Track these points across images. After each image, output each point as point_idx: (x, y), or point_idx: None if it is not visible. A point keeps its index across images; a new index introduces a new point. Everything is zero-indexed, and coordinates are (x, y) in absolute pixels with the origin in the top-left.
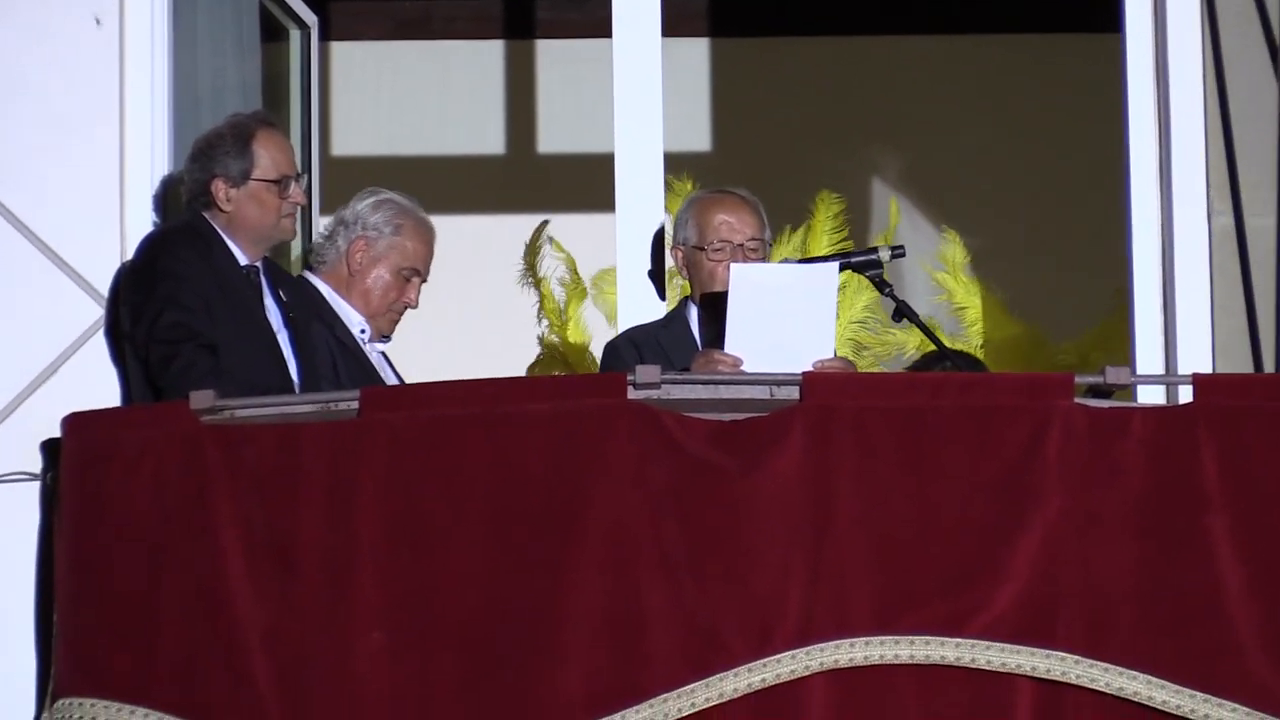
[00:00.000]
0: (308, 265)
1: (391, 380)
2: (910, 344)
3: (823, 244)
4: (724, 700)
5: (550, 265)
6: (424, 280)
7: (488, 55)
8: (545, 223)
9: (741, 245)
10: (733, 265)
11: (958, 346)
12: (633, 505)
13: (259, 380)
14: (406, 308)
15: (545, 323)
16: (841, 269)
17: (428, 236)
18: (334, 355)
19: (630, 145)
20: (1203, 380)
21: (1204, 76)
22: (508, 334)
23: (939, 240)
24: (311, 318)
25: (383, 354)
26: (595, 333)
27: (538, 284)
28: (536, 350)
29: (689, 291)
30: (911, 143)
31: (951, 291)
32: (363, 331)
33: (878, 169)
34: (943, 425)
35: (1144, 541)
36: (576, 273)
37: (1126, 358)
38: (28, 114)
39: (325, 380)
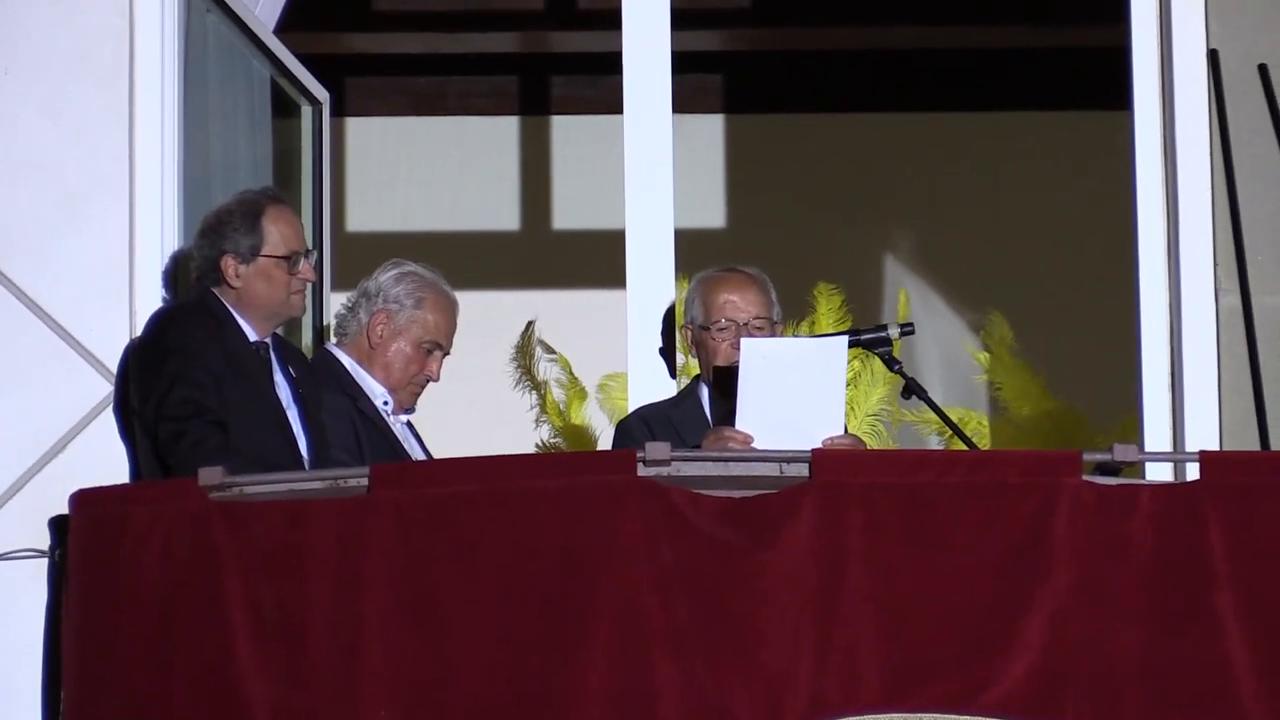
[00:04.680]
0: (331, 337)
1: (416, 450)
2: (931, 423)
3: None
4: None
5: (546, 366)
6: (446, 354)
7: (503, 131)
8: (531, 323)
9: (747, 324)
10: (743, 339)
11: (996, 426)
12: (643, 582)
13: (268, 457)
14: (428, 381)
15: (546, 426)
16: (851, 345)
17: (450, 310)
18: (357, 427)
19: (641, 222)
20: (1210, 458)
21: (1211, 155)
22: (526, 406)
23: (952, 318)
24: (324, 392)
25: (408, 424)
26: (602, 433)
27: (536, 387)
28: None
29: (698, 371)
30: (925, 219)
31: (992, 371)
32: (386, 404)
33: (892, 246)
34: (952, 502)
35: (1152, 618)
36: (573, 373)
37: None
38: (37, 189)
39: (349, 452)
